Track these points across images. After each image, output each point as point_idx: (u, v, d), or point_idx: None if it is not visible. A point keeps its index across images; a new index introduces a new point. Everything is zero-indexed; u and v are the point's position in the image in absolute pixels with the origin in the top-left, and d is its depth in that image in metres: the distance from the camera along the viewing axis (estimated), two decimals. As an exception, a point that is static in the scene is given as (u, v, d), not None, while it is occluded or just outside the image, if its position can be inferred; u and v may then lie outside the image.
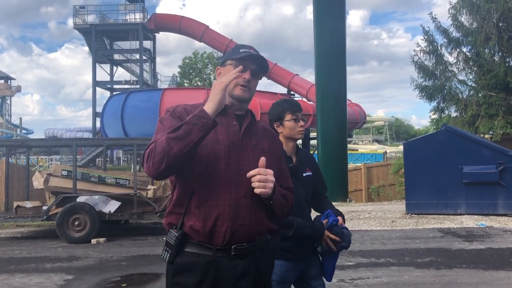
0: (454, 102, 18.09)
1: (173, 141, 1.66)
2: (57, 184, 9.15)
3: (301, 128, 2.68)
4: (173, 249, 1.84)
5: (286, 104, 2.72)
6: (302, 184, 2.65)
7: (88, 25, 30.33)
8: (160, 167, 1.69)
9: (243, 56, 1.91)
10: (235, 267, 1.82)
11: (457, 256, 6.71)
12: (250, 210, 1.84)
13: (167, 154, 1.66)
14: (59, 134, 47.72)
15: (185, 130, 1.67)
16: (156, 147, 1.70)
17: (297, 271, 2.63)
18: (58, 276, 6.08)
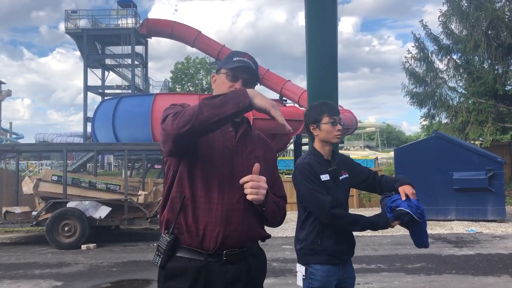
0: (444, 108, 18.26)
1: (206, 107, 1.67)
2: (47, 190, 9.08)
3: (338, 132, 2.60)
4: (165, 254, 1.84)
5: (324, 107, 2.64)
6: (340, 187, 2.59)
7: (80, 30, 30.23)
8: (184, 128, 1.67)
9: (235, 67, 1.93)
10: (226, 272, 1.82)
11: (447, 262, 6.75)
12: (243, 216, 1.85)
13: (196, 117, 1.66)
14: (49, 139, 47.38)
15: (222, 100, 1.68)
16: (185, 111, 1.69)
17: (337, 278, 2.54)
18: (47, 283, 6.02)
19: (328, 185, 2.52)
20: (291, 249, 7.98)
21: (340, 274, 2.54)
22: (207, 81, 48.38)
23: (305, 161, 2.57)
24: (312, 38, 8.16)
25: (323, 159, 2.59)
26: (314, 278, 2.50)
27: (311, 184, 2.49)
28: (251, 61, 1.99)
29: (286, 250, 7.84)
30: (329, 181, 2.53)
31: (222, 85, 1.97)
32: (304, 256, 2.56)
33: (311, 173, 2.50)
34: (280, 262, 6.94)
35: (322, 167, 2.56)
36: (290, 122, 15.96)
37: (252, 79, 1.98)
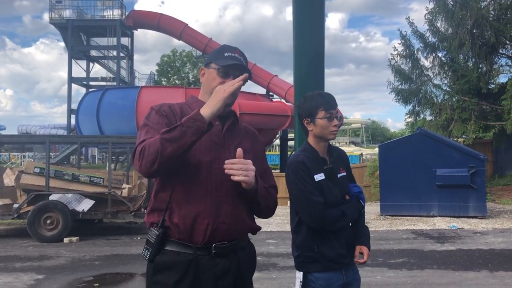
0: (429, 106, 18.42)
1: (167, 142, 1.67)
2: (29, 182, 8.95)
3: (334, 128, 2.37)
4: (154, 248, 1.83)
5: (320, 99, 2.38)
6: (337, 187, 2.40)
7: (65, 20, 29.76)
8: (153, 167, 1.69)
9: (228, 65, 1.93)
10: (216, 265, 1.83)
11: (429, 257, 6.83)
12: (232, 209, 1.85)
13: (160, 155, 1.67)
14: (32, 131, 46.71)
15: (180, 132, 1.68)
16: (149, 146, 1.69)
17: (339, 284, 2.38)
18: (28, 276, 5.95)
19: (323, 186, 2.34)
20: (275, 243, 8.01)
21: (343, 279, 2.38)
22: (194, 75, 48.10)
23: (298, 159, 2.37)
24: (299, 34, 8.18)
25: (318, 157, 2.39)
26: (314, 286, 2.34)
27: (304, 184, 2.31)
28: (242, 57, 2.00)
29: (270, 245, 7.86)
30: (324, 181, 2.35)
31: (212, 80, 1.96)
32: (302, 264, 2.39)
33: (304, 172, 2.32)
34: (264, 256, 6.96)
35: (317, 165, 2.37)
36: (276, 117, 16.04)
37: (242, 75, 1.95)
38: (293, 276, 5.97)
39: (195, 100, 2.01)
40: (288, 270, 6.10)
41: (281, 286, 5.39)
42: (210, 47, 27.65)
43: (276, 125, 20.07)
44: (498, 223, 9.83)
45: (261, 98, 21.70)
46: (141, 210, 8.99)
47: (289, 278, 5.68)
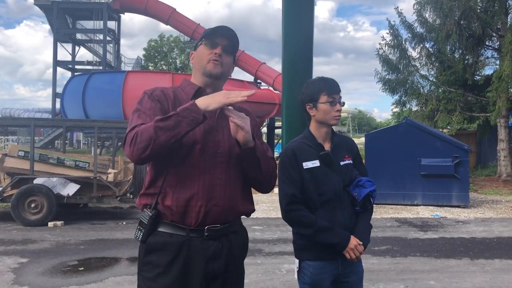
0: (415, 96, 18.57)
1: (161, 131, 1.67)
2: (13, 165, 8.84)
3: (337, 113, 2.34)
4: (146, 228, 1.84)
5: (322, 84, 2.36)
6: (339, 174, 2.33)
7: (50, 2, 29.15)
8: (144, 154, 1.70)
9: (213, 30, 1.93)
10: (208, 248, 1.84)
11: (412, 245, 6.95)
12: (225, 191, 1.86)
13: (153, 142, 1.67)
14: (16, 114, 46.01)
15: (175, 121, 1.67)
16: (142, 133, 1.69)
17: (332, 274, 2.34)
18: (12, 259, 5.91)
19: (318, 172, 2.30)
20: (261, 229, 8.06)
21: (338, 269, 2.34)
22: (181, 60, 47.70)
23: (289, 147, 2.37)
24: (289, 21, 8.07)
25: (315, 143, 2.36)
26: (305, 273, 2.36)
27: (283, 172, 2.31)
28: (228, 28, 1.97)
29: (256, 231, 7.91)
30: (320, 168, 2.31)
31: (201, 55, 1.95)
32: (296, 251, 2.42)
33: (288, 161, 2.32)
34: (250, 242, 6.94)
35: (313, 151, 2.34)
36: (264, 105, 16.02)
37: (231, 45, 1.96)
38: (278, 262, 6.04)
39: (188, 83, 2.00)
40: (274, 256, 6.15)
41: (266, 271, 5.44)
42: (198, 33, 27.38)
43: (264, 113, 20.06)
44: (479, 213, 10.02)
45: (249, 85, 21.63)
46: (127, 195, 8.95)
47: (274, 264, 5.73)
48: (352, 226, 2.36)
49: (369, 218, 2.44)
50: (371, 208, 2.43)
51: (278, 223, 8.69)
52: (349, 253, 2.29)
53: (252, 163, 1.90)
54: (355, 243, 2.30)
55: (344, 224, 2.33)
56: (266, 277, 5.22)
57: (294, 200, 2.28)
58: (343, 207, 2.34)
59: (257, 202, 11.28)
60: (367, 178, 2.38)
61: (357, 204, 2.35)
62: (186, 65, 47.24)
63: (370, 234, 2.42)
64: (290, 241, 6.98)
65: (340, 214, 2.33)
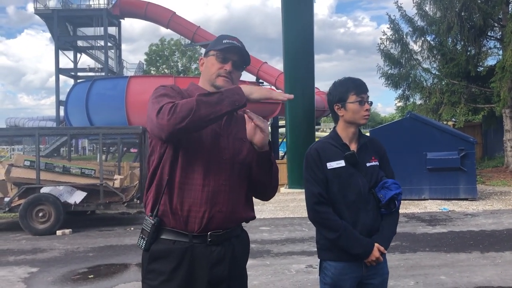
0: (418, 90, 18.50)
1: (203, 104, 1.67)
2: (20, 175, 8.88)
3: (366, 112, 2.33)
4: (149, 236, 1.85)
5: (350, 84, 2.35)
6: (364, 175, 2.32)
7: (50, 11, 29.29)
8: (181, 124, 1.67)
9: (225, 48, 1.94)
10: (211, 253, 1.85)
11: (421, 240, 6.91)
12: (228, 197, 1.88)
13: (193, 114, 1.66)
14: (21, 123, 46.25)
15: (218, 98, 1.69)
16: (182, 104, 1.68)
17: (355, 276, 2.30)
18: (22, 269, 5.93)
19: (342, 173, 2.29)
20: (269, 230, 8.05)
21: (361, 271, 2.30)
22: (183, 63, 47.77)
23: (313, 146, 2.37)
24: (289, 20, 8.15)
25: (341, 143, 2.34)
26: (326, 273, 2.33)
27: (308, 172, 2.32)
28: (241, 44, 2.00)
29: (264, 232, 7.90)
30: (345, 168, 2.29)
31: (211, 66, 1.98)
32: (319, 251, 2.39)
33: (312, 160, 2.31)
34: (258, 243, 6.99)
35: (338, 151, 2.32)
36: (267, 105, 15.97)
37: (241, 61, 2.00)
38: (288, 262, 6.02)
39: (196, 87, 2.01)
40: (282, 257, 6.14)
41: (275, 272, 5.42)
42: (198, 35, 27.43)
43: (267, 112, 20.05)
44: (488, 205, 9.96)
45: (251, 85, 21.63)
46: (134, 200, 8.97)
47: (283, 265, 5.72)
48: (377, 228, 2.34)
49: (394, 223, 2.41)
50: (396, 211, 2.40)
51: (285, 223, 8.68)
52: (371, 262, 2.29)
53: (265, 167, 1.94)
54: (378, 255, 2.28)
55: (368, 225, 2.31)
56: (276, 278, 5.21)
57: (321, 201, 2.27)
58: (368, 209, 2.31)
59: (263, 202, 11.25)
60: (393, 181, 2.37)
61: (382, 205, 2.33)
62: (187, 68, 47.31)
63: (392, 238, 2.40)
64: (298, 241, 6.97)
65: (364, 216, 2.30)
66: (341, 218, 2.28)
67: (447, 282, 4.88)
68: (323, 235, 2.33)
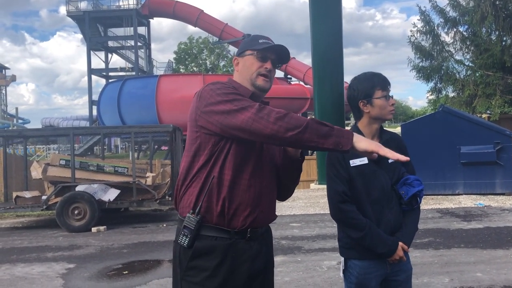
0: (451, 82, 18.08)
1: (311, 130, 1.65)
2: (56, 174, 9.14)
3: (392, 107, 2.29)
4: (193, 234, 1.87)
5: (376, 79, 2.29)
6: (387, 172, 2.29)
7: (81, 12, 30.01)
8: (283, 134, 1.65)
9: (264, 47, 1.96)
10: (251, 248, 1.93)
11: (456, 236, 6.76)
12: (269, 198, 1.99)
13: (297, 132, 1.64)
14: (56, 123, 47.59)
15: (327, 132, 1.65)
16: (292, 117, 1.66)
17: (380, 274, 2.29)
18: (60, 265, 6.12)
19: (366, 170, 2.26)
20: (299, 226, 8.03)
21: (386, 269, 2.29)
22: (211, 61, 48.07)
23: None
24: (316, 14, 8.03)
25: None
26: (351, 273, 2.32)
27: (331, 169, 2.29)
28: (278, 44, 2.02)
29: (295, 228, 7.89)
30: (368, 165, 2.26)
31: (251, 65, 1.98)
32: (342, 250, 2.38)
33: (334, 158, 2.28)
34: (289, 240, 6.99)
35: None
36: (295, 100, 15.93)
37: (279, 59, 2.01)
38: (319, 258, 6.00)
39: (239, 85, 1.98)
40: (314, 253, 6.12)
41: (307, 269, 5.41)
42: (226, 32, 27.53)
43: (295, 108, 19.98)
44: (526, 199, 9.65)
45: (279, 81, 21.57)
46: (166, 197, 9.11)
47: (315, 261, 5.70)
48: (399, 225, 2.32)
49: (416, 220, 2.39)
50: (418, 208, 2.37)
51: (316, 219, 8.64)
52: (394, 261, 2.28)
53: (294, 174, 2.05)
54: (402, 254, 2.26)
55: (392, 223, 2.29)
56: (307, 274, 5.20)
57: (345, 199, 2.25)
58: (391, 206, 2.29)
59: (293, 198, 11.24)
60: (415, 177, 2.33)
61: (403, 202, 2.30)
62: (216, 65, 47.58)
63: (414, 235, 2.38)
64: (329, 238, 6.93)
65: (388, 213, 2.28)
66: (365, 216, 2.25)
67: (484, 279, 4.76)
68: (346, 234, 2.31)
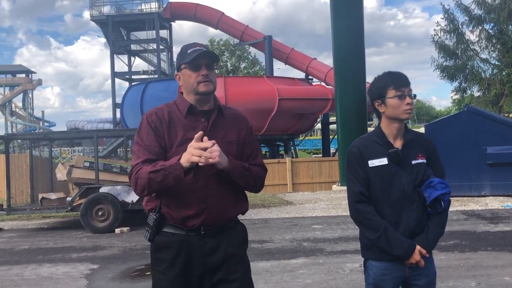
0: (476, 81, 17.74)
1: (152, 181, 2.00)
2: (80, 176, 9.29)
3: (407, 107, 2.21)
4: (152, 229, 2.14)
5: (388, 78, 2.26)
6: (409, 173, 2.23)
7: (105, 17, 30.43)
8: (143, 193, 2.09)
9: (193, 57, 2.11)
10: (205, 244, 2.12)
11: (482, 239, 6.61)
12: (217, 200, 2.11)
13: (148, 188, 2.04)
14: (80, 126, 48.39)
15: (163, 176, 1.99)
16: (139, 179, 2.03)
17: (398, 277, 2.26)
18: (84, 266, 6.21)
19: (385, 171, 2.22)
20: (321, 228, 7.97)
21: (404, 272, 2.24)
22: (232, 63, 48.26)
23: (355, 144, 2.31)
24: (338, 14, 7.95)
25: (385, 140, 2.26)
26: (369, 273, 2.30)
27: (350, 170, 2.28)
28: (203, 46, 2.17)
29: (316, 230, 7.83)
30: (388, 166, 2.22)
31: (188, 78, 2.15)
32: (362, 250, 2.36)
33: (354, 159, 2.27)
34: (311, 242, 6.94)
35: (382, 148, 2.24)
36: (317, 101, 15.84)
37: (211, 60, 2.16)
38: (341, 261, 5.93)
39: (182, 100, 2.21)
40: (336, 255, 6.06)
41: (329, 271, 5.36)
42: (247, 34, 27.57)
43: (317, 109, 19.84)
44: (556, 201, 9.37)
45: (300, 82, 21.47)
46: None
47: (337, 263, 5.64)
48: (421, 229, 2.26)
49: (441, 224, 2.30)
50: (444, 212, 2.29)
51: (338, 221, 8.56)
52: (411, 264, 2.23)
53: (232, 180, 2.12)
54: (419, 258, 2.20)
55: (412, 225, 2.24)
56: (329, 277, 5.14)
57: (362, 199, 2.23)
58: (412, 208, 2.23)
59: (315, 200, 11.16)
60: (439, 180, 2.25)
61: (427, 205, 2.24)
62: (237, 67, 47.74)
63: (438, 240, 2.30)
64: (352, 240, 6.85)
65: (407, 216, 2.23)
66: (383, 218, 2.22)
67: (512, 284, 4.63)
68: (364, 234, 2.31)
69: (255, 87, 19.00)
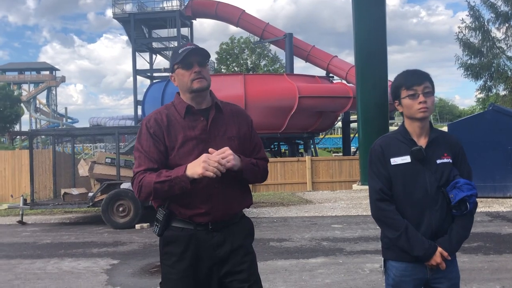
0: (502, 80, 17.34)
1: (158, 190, 2.06)
2: (101, 172, 9.41)
3: (420, 105, 2.16)
4: (161, 224, 2.19)
5: (401, 78, 2.25)
6: (433, 172, 2.17)
7: (127, 15, 30.76)
8: (147, 200, 2.17)
9: (184, 56, 2.14)
10: (212, 238, 2.17)
11: (507, 241, 6.45)
12: (221, 197, 2.15)
13: (153, 196, 2.10)
14: (103, 122, 49.12)
15: (168, 186, 2.04)
16: (144, 187, 2.07)
17: (419, 279, 2.21)
18: (105, 261, 6.28)
19: (408, 169, 2.17)
20: (341, 228, 7.90)
21: (425, 274, 2.19)
22: (252, 61, 48.28)
23: (377, 142, 2.28)
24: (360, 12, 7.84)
25: (408, 138, 2.22)
26: (389, 274, 2.27)
27: (371, 168, 2.26)
28: (194, 45, 2.20)
29: (336, 229, 7.76)
30: (411, 164, 2.17)
31: (182, 77, 2.18)
32: (382, 250, 2.32)
33: (376, 156, 2.24)
34: (330, 241, 6.88)
35: (405, 146, 2.20)
36: (337, 99, 15.70)
37: (203, 57, 2.18)
38: (361, 261, 5.86)
39: (179, 101, 2.25)
40: (355, 255, 5.99)
41: (348, 271, 5.30)
42: (267, 32, 27.53)
43: (337, 107, 19.69)
44: None
45: (320, 80, 21.34)
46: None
47: (357, 263, 5.58)
48: (444, 230, 2.19)
49: (466, 226, 2.23)
50: (470, 214, 2.22)
51: (358, 221, 8.47)
52: (432, 266, 2.17)
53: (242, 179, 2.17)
54: (439, 260, 2.14)
55: (434, 226, 2.17)
56: (349, 277, 5.09)
57: (383, 197, 2.19)
58: (435, 209, 2.17)
59: (335, 199, 11.07)
60: (465, 181, 2.18)
61: (452, 206, 2.17)
62: (257, 65, 47.73)
63: (461, 244, 2.24)
64: (372, 240, 6.77)
65: (430, 216, 2.17)
66: (404, 217, 2.17)
67: (538, 288, 4.50)
68: (384, 233, 2.27)
69: (275, 84, 18.95)
